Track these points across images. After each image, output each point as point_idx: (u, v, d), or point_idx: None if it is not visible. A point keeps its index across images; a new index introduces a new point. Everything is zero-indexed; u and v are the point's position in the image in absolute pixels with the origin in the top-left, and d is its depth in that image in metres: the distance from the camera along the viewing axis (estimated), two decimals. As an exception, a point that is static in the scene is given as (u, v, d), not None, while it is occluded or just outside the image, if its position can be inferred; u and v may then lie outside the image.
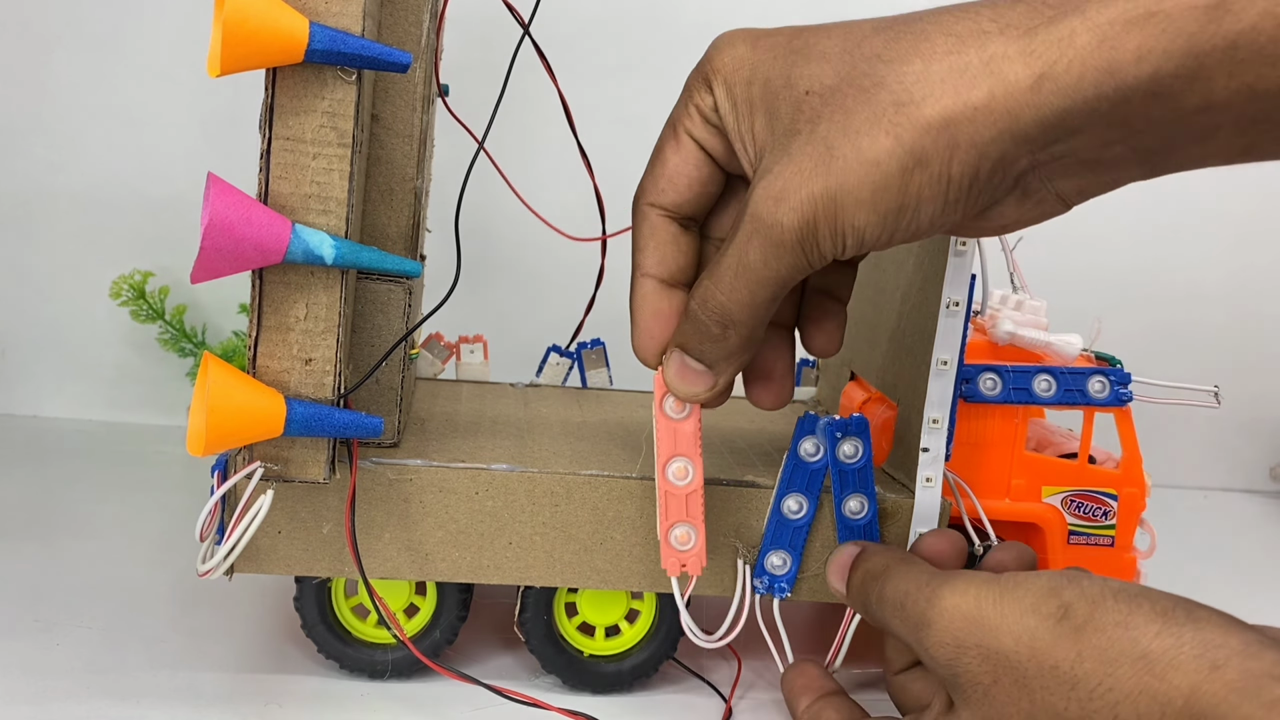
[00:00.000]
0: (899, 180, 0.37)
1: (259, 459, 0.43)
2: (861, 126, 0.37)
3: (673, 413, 0.45)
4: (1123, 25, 0.34)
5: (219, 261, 0.39)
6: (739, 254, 0.39)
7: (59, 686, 0.49)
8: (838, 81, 0.38)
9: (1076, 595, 0.37)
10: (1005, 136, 0.36)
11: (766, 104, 0.39)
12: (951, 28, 0.37)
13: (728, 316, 0.41)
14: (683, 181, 0.43)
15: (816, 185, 0.37)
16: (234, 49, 0.38)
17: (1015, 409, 0.54)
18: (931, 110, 0.36)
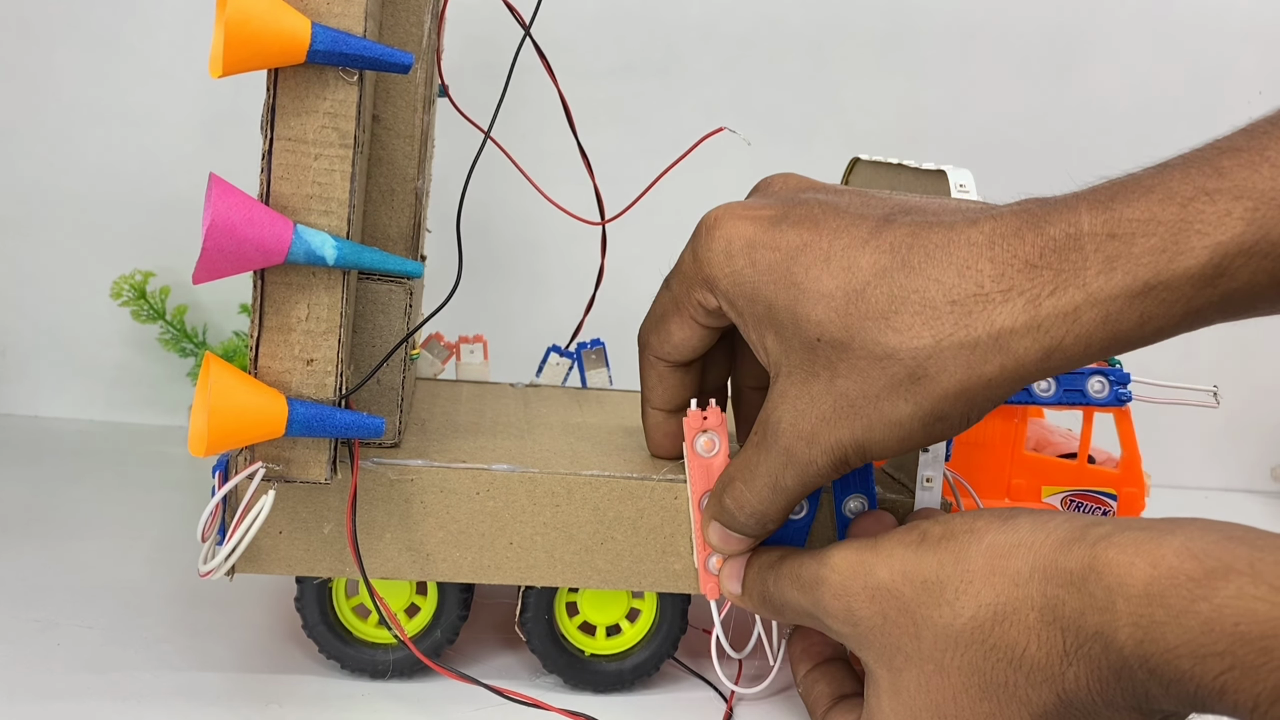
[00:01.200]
0: (922, 433, 0.40)
1: (260, 459, 0.43)
2: (881, 393, 0.39)
3: (704, 451, 0.48)
4: (1125, 301, 0.37)
5: (221, 262, 0.39)
6: (775, 477, 0.43)
7: (59, 686, 0.49)
8: (845, 337, 0.40)
9: (930, 521, 0.42)
10: (1017, 388, 0.39)
11: (775, 328, 0.42)
12: (954, 291, 0.38)
13: (765, 519, 0.45)
14: (687, 348, 0.48)
15: (844, 434, 0.41)
16: (236, 50, 0.38)
17: (1015, 409, 0.54)
18: (948, 384, 0.39)
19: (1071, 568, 0.35)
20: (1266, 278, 0.36)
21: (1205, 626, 0.31)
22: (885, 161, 0.58)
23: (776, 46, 0.92)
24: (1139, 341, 0.38)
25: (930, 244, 0.39)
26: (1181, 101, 0.93)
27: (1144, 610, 0.33)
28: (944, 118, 0.93)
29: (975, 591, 0.38)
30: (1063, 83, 0.93)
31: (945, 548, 0.40)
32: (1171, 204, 0.36)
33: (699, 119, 0.92)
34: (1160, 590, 0.33)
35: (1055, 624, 0.35)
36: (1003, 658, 0.37)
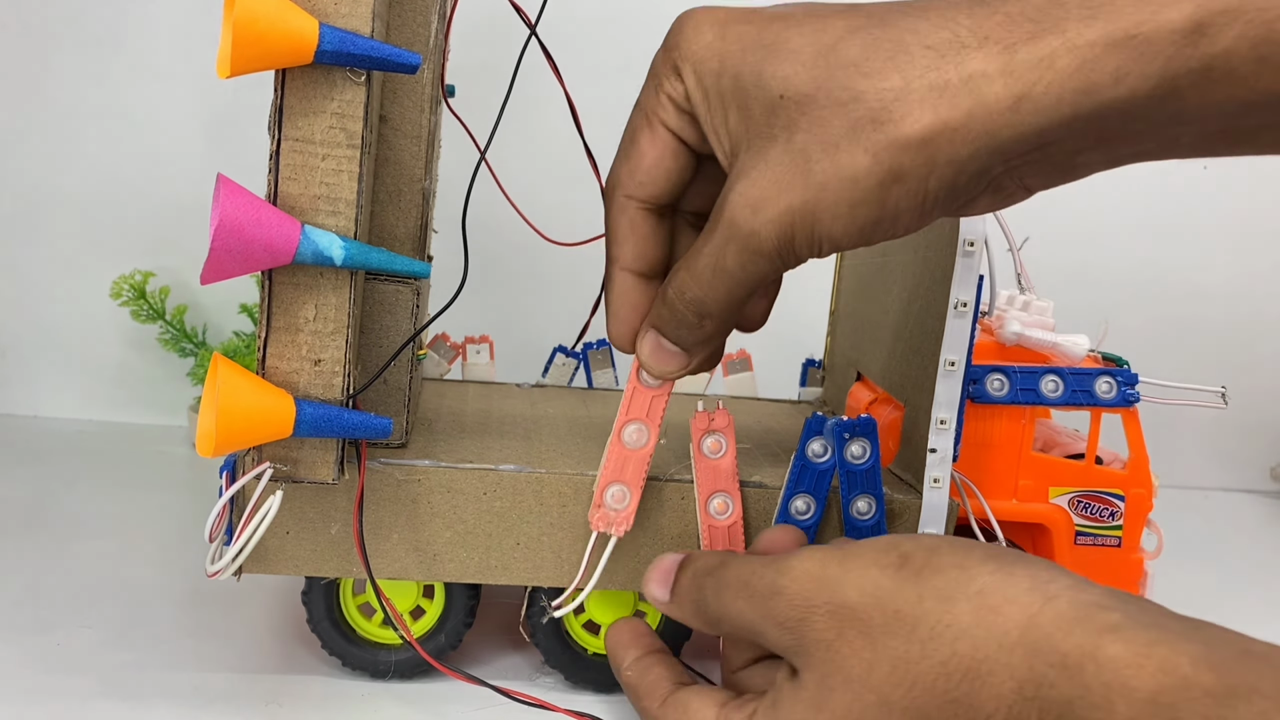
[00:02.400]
0: (877, 195, 0.37)
1: (268, 460, 0.43)
2: (840, 141, 0.37)
3: (710, 453, 0.48)
4: (1103, 48, 0.35)
5: (229, 262, 0.39)
6: (716, 256, 0.40)
7: (59, 686, 0.49)
8: (812, 89, 0.37)
9: (914, 545, 0.38)
10: (983, 152, 0.36)
11: (739, 99, 0.39)
12: (929, 38, 0.37)
13: (704, 309, 0.41)
14: (660, 172, 0.43)
15: (794, 198, 0.37)
16: (244, 50, 0.38)
17: (1022, 409, 0.54)
18: (910, 129, 0.36)
19: (1067, 650, 0.33)
20: (1247, 46, 0.34)
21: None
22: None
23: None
24: (1113, 104, 0.35)
25: (910, 4, 0.38)
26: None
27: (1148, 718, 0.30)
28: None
29: (952, 638, 0.35)
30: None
31: (928, 582, 0.37)
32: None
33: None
34: (1171, 701, 0.30)
35: (1034, 702, 0.33)
36: (961, 714, 0.34)
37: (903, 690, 0.36)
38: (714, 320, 0.42)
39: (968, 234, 0.48)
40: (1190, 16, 0.34)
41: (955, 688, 0.35)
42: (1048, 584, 0.35)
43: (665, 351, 0.43)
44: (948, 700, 0.35)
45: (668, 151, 0.42)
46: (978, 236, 0.48)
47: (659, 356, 0.44)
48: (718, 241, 0.39)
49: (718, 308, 0.41)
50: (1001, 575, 0.36)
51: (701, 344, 0.43)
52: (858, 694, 0.37)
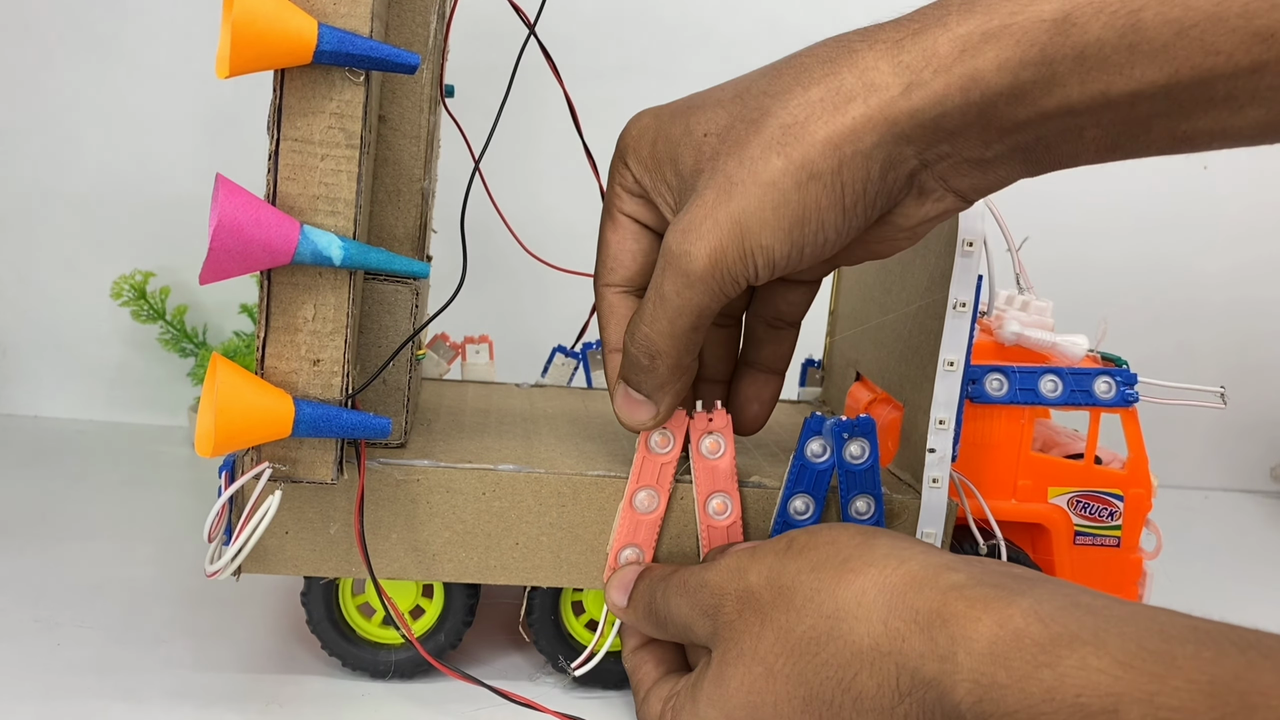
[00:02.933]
0: (796, 195, 0.39)
1: (267, 460, 0.43)
2: (756, 154, 0.39)
3: (709, 454, 0.48)
4: (980, 37, 0.37)
5: (228, 262, 0.39)
6: (656, 287, 0.42)
7: (60, 686, 0.49)
8: (730, 121, 0.41)
9: (800, 531, 0.42)
10: (887, 140, 0.38)
11: (670, 156, 0.42)
12: (824, 54, 0.40)
13: (653, 347, 0.43)
14: (626, 257, 0.45)
15: (720, 213, 0.40)
16: (243, 50, 0.38)
17: (1021, 409, 0.54)
18: (816, 128, 0.39)
19: (919, 607, 0.35)
20: (1115, 35, 0.36)
21: (1046, 694, 0.31)
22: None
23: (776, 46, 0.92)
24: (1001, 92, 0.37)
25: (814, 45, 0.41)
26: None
27: (986, 669, 0.32)
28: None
29: (820, 603, 0.38)
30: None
31: (805, 556, 0.40)
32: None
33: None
34: (1004, 651, 0.32)
35: (890, 657, 0.35)
36: (832, 676, 0.37)
37: (784, 658, 0.38)
38: (664, 359, 0.43)
39: (967, 234, 0.48)
40: (1058, 9, 0.36)
41: (824, 649, 0.37)
42: (904, 550, 0.38)
43: (633, 401, 0.45)
44: (820, 663, 0.37)
45: (629, 236, 0.45)
46: (977, 236, 0.48)
47: (628, 407, 0.45)
48: (657, 275, 0.42)
49: (664, 342, 0.42)
50: (864, 546, 0.39)
51: (659, 388, 0.44)
52: (748, 666, 0.39)
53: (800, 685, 0.38)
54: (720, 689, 0.40)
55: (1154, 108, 0.37)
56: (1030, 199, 0.91)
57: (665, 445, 0.48)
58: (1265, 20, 0.34)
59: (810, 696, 0.37)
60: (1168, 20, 0.35)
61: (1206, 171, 0.95)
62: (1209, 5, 0.35)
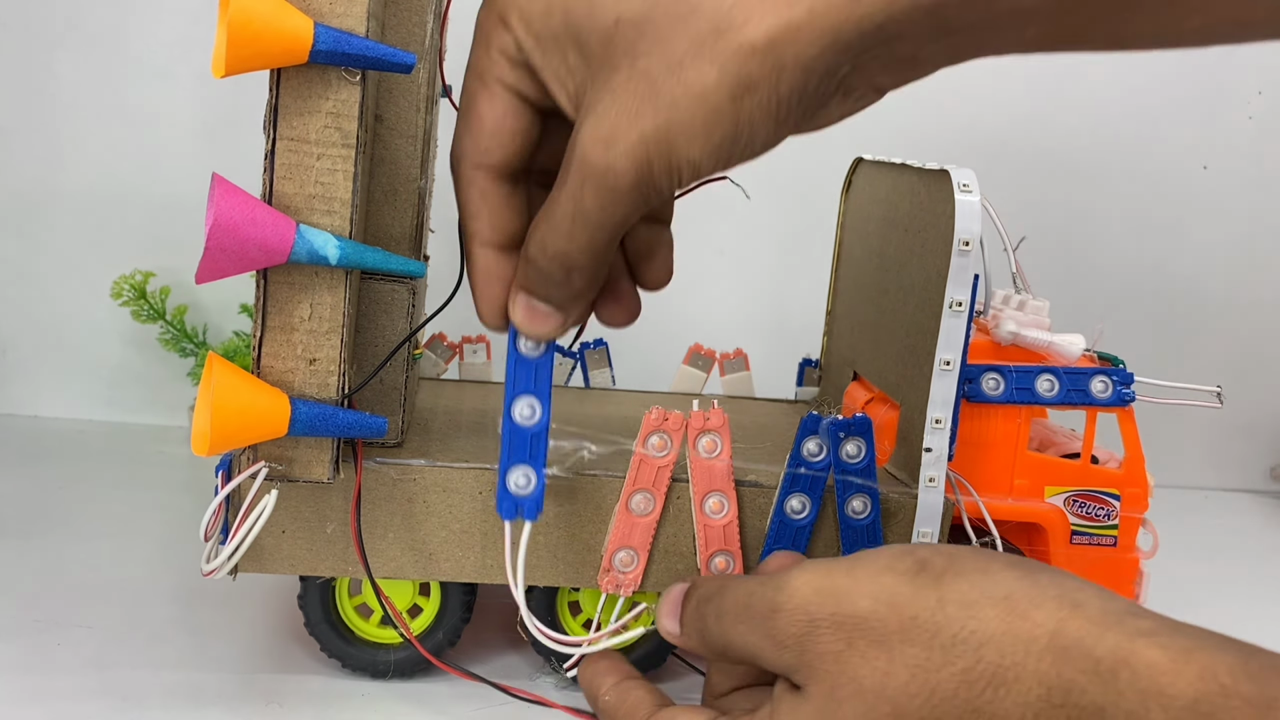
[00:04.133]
0: (730, 109, 0.35)
1: (263, 459, 0.43)
2: (684, 58, 0.35)
3: (705, 453, 0.48)
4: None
5: (224, 262, 0.39)
6: (575, 201, 0.37)
7: (59, 686, 0.49)
8: (647, 7, 0.36)
9: (931, 551, 0.37)
10: (829, 50, 0.35)
11: (573, 35, 0.37)
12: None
13: (570, 262, 0.39)
14: (505, 135, 0.40)
15: (646, 124, 0.35)
16: (239, 50, 0.38)
17: (1018, 409, 0.54)
18: (754, 34, 0.34)
19: (1100, 655, 0.32)
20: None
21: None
22: (888, 161, 0.58)
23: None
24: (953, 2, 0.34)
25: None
26: (1181, 102, 0.93)
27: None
28: (944, 118, 0.93)
29: (978, 644, 0.34)
30: (1063, 83, 0.93)
31: (950, 586, 0.35)
32: None
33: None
34: (1210, 710, 0.30)
35: (1062, 710, 0.32)
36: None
37: (920, 700, 0.34)
38: (583, 273, 0.40)
39: (963, 234, 0.48)
40: None
41: (978, 696, 0.34)
42: (1075, 591, 0.34)
43: (539, 313, 0.41)
44: (969, 710, 0.34)
45: (509, 111, 0.40)
46: (973, 236, 0.48)
47: (533, 319, 0.41)
48: (573, 186, 0.37)
49: (583, 258, 0.39)
50: (1028, 582, 0.35)
51: (574, 299, 0.41)
52: (871, 704, 0.35)
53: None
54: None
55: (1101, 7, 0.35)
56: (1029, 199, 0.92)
57: (663, 448, 0.48)
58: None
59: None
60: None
61: (1206, 171, 0.95)
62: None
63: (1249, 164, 0.94)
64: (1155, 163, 0.94)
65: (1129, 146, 0.91)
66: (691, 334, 0.72)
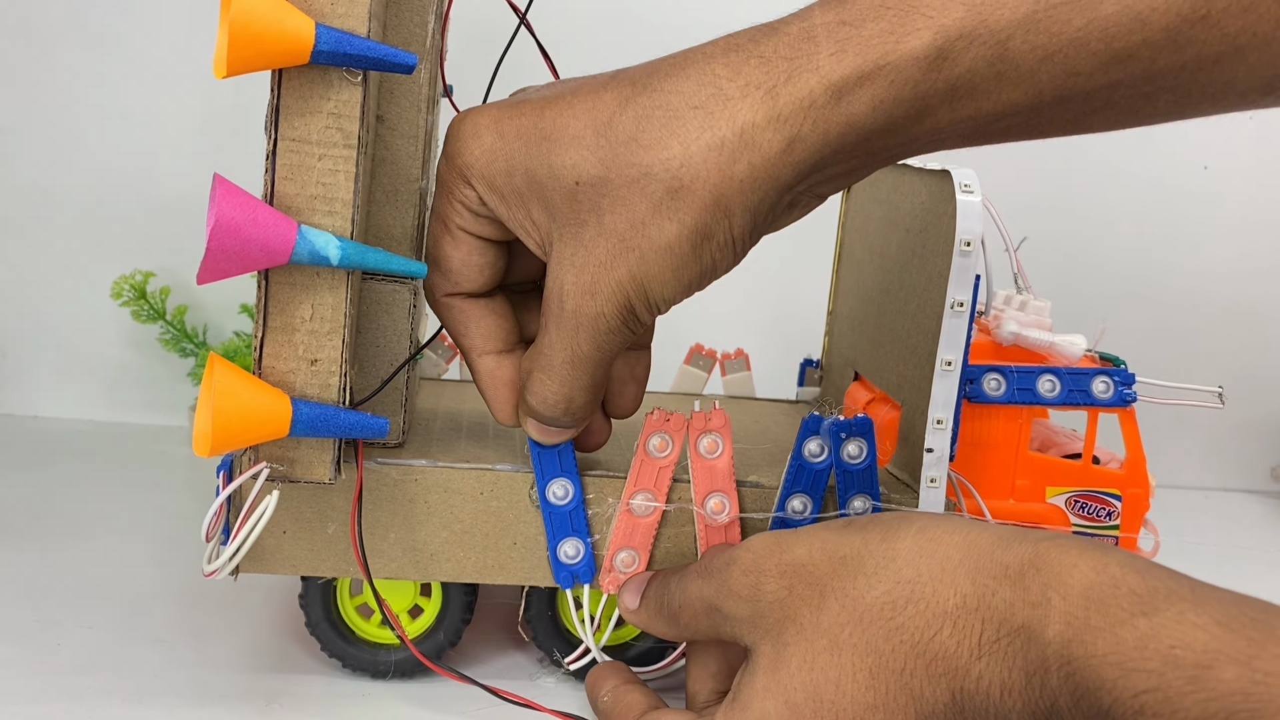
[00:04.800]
0: (693, 255, 0.40)
1: (265, 459, 0.43)
2: (646, 217, 0.39)
3: (707, 453, 0.48)
4: (856, 81, 0.38)
5: (225, 262, 0.39)
6: (570, 347, 0.42)
7: (60, 686, 0.49)
8: (603, 170, 0.40)
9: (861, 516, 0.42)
10: (771, 193, 0.40)
11: (537, 194, 0.41)
12: (694, 97, 0.39)
13: (571, 401, 0.44)
14: (473, 271, 0.45)
15: (622, 273, 0.40)
16: (240, 50, 0.38)
17: (1019, 409, 0.54)
18: (703, 191, 0.39)
19: (1008, 561, 0.35)
20: (985, 65, 0.38)
21: (1140, 640, 0.31)
22: (889, 161, 0.58)
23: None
24: (875, 128, 0.39)
25: (667, 66, 0.41)
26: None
27: (1080, 611, 0.32)
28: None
29: (896, 569, 0.37)
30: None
31: (873, 529, 0.39)
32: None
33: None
34: (1101, 595, 0.32)
35: (977, 613, 0.35)
36: (906, 640, 0.36)
37: (850, 628, 0.37)
38: (586, 406, 0.44)
39: (965, 234, 0.48)
40: (930, 44, 0.38)
41: (901, 613, 0.36)
42: (984, 523, 0.38)
43: (550, 431, 0.45)
44: (894, 628, 0.36)
45: (472, 250, 0.45)
46: (975, 236, 0.48)
47: (546, 435, 0.46)
48: (567, 333, 0.42)
49: (583, 395, 0.44)
50: (941, 519, 0.39)
51: (579, 420, 0.45)
52: (810, 640, 0.38)
53: (868, 654, 0.36)
54: (777, 674, 0.38)
55: (1014, 123, 0.40)
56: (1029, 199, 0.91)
57: (664, 449, 0.48)
58: (1123, 43, 0.37)
59: (878, 666, 0.36)
60: (1034, 47, 0.38)
61: (1206, 171, 0.95)
62: (1072, 31, 0.37)
63: (1249, 164, 0.94)
64: (1155, 163, 0.94)
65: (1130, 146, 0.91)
66: (692, 334, 0.72)
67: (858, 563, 0.38)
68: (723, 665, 0.45)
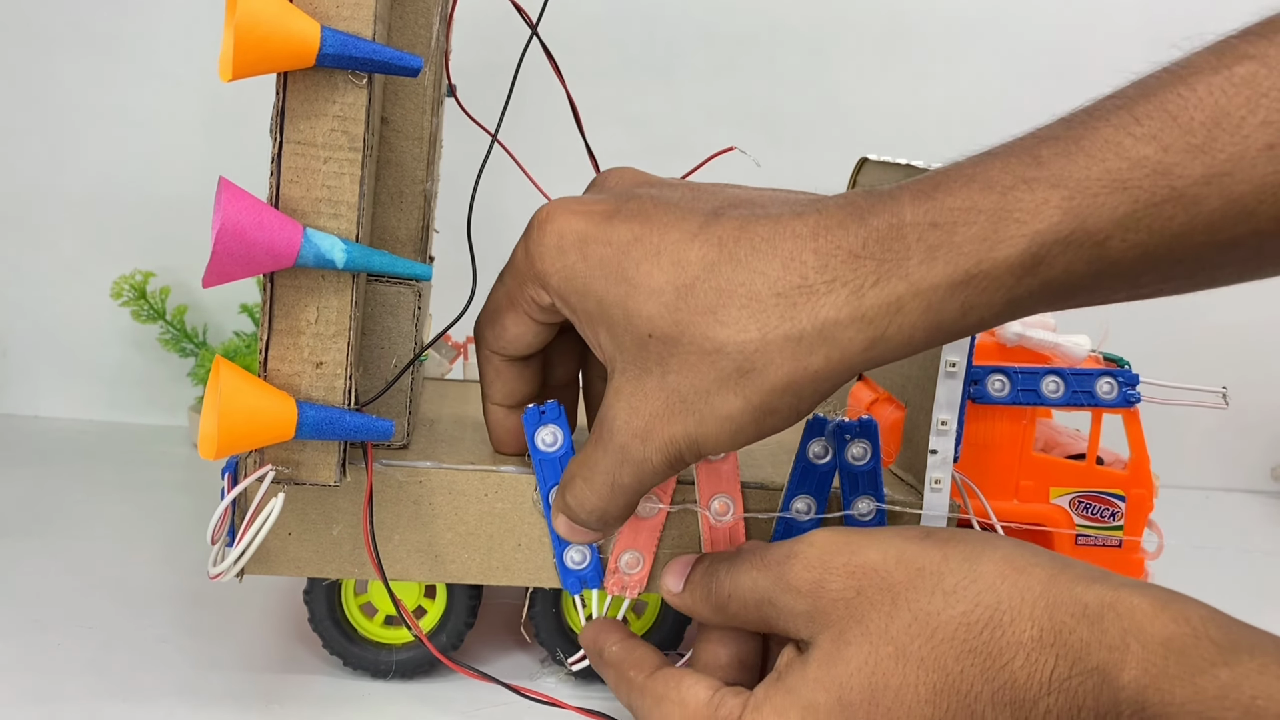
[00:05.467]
0: (753, 427, 0.40)
1: (270, 462, 0.43)
2: (711, 388, 0.39)
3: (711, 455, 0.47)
4: (946, 289, 0.37)
5: (231, 266, 0.39)
6: (613, 476, 0.42)
7: (59, 686, 0.49)
8: (676, 332, 0.40)
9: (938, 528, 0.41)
10: (842, 382, 0.40)
11: (607, 324, 0.42)
12: (779, 283, 0.38)
13: (606, 516, 0.44)
14: (523, 342, 0.47)
15: (678, 430, 0.40)
16: (246, 53, 0.38)
17: (1023, 410, 0.54)
18: (775, 377, 0.39)
19: (1089, 601, 0.34)
20: (1083, 265, 0.36)
21: (1220, 691, 0.31)
22: (893, 162, 0.58)
23: (776, 46, 0.92)
24: (961, 331, 0.38)
25: (756, 237, 0.39)
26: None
27: (1159, 660, 0.32)
28: (945, 117, 0.93)
29: (977, 591, 0.36)
30: (1063, 83, 0.93)
31: (954, 546, 0.38)
32: (991, 193, 0.36)
33: (700, 119, 0.91)
34: (1182, 645, 0.32)
35: (1054, 648, 0.34)
36: (978, 664, 0.35)
37: (921, 640, 0.36)
38: (616, 519, 0.44)
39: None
40: (1025, 251, 0.36)
41: (976, 637, 0.36)
42: (1064, 558, 0.37)
43: (578, 530, 0.45)
44: (967, 650, 0.36)
45: (531, 330, 0.46)
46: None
47: (574, 535, 0.46)
48: (612, 464, 0.42)
49: (618, 512, 0.44)
50: (1023, 548, 0.38)
51: (609, 530, 0.46)
52: (875, 645, 0.37)
53: (936, 670, 0.36)
54: (833, 669, 0.38)
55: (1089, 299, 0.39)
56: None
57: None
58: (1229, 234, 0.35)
59: (944, 684, 0.36)
60: (1133, 245, 0.36)
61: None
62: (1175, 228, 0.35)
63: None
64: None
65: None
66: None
67: (937, 578, 0.37)
68: (734, 658, 0.44)
